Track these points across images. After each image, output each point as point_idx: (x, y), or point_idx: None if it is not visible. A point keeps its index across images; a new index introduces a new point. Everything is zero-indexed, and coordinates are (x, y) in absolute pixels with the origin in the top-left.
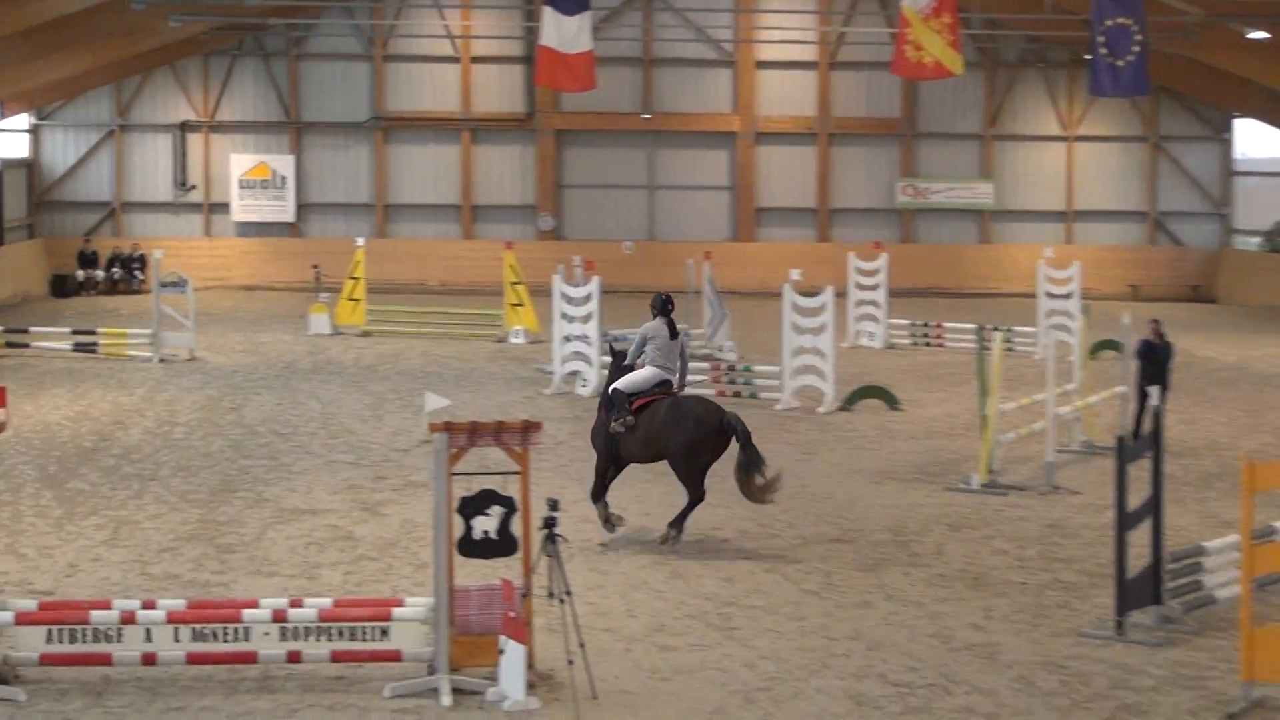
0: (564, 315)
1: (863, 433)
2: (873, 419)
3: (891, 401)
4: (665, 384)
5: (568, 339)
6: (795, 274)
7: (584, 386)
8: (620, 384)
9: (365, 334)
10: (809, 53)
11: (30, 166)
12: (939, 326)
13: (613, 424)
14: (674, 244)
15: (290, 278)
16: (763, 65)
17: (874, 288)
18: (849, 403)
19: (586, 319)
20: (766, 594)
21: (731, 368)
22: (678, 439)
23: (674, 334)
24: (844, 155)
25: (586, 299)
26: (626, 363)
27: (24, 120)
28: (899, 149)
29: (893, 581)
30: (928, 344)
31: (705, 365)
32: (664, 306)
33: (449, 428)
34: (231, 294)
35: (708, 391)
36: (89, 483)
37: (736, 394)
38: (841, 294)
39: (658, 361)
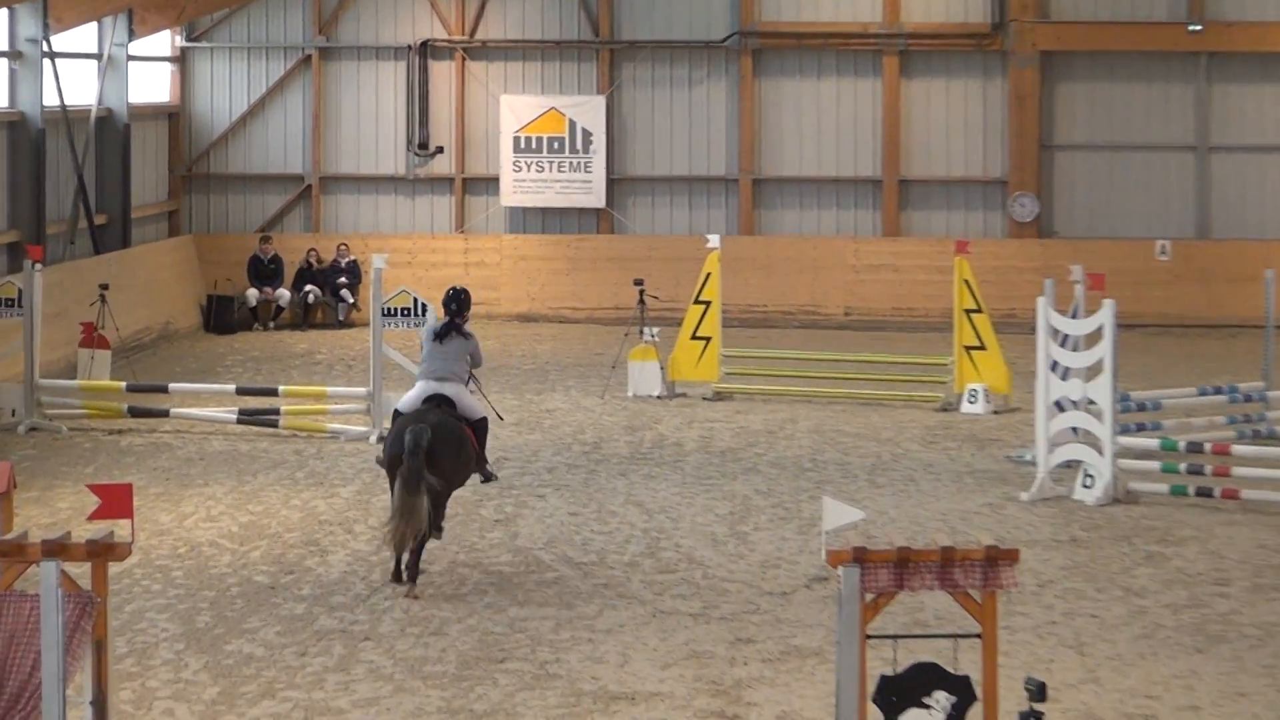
0: (1054, 365)
1: None
2: None
3: None
4: (436, 398)
5: (1060, 406)
6: None
7: (1089, 486)
8: (400, 403)
9: (719, 395)
10: None
11: (174, 118)
12: None
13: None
14: (1240, 243)
15: (595, 300)
16: None
17: None
18: None
19: (1093, 372)
20: None
21: None
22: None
23: (447, 336)
24: None
25: (1093, 338)
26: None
27: (165, 42)
28: None
29: None
30: None
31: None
32: (447, 304)
33: (861, 557)
34: (500, 328)
35: None
36: (262, 644)
37: None
38: None
39: (427, 371)
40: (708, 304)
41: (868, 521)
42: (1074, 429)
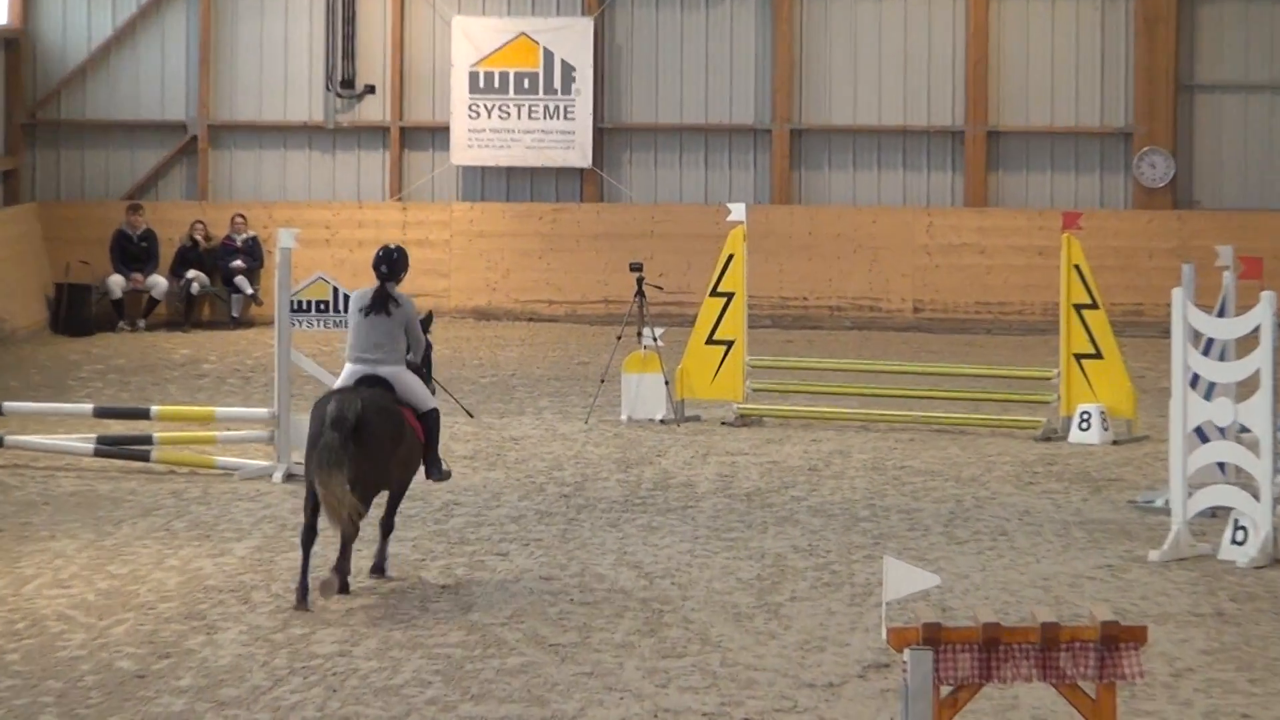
0: (1195, 380)
1: None
2: None
3: None
4: (369, 380)
5: (1202, 434)
6: None
7: (1241, 542)
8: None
9: (744, 419)
10: None
11: (13, 46)
12: None
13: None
14: None
15: (578, 291)
16: None
17: None
18: None
19: (1247, 389)
20: None
21: None
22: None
23: (377, 308)
24: None
25: (1248, 343)
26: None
27: None
28: None
29: None
30: None
31: None
32: (376, 265)
33: (935, 637)
34: (450, 327)
35: None
36: None
37: None
38: None
39: (353, 352)
40: (729, 297)
41: (943, 589)
42: (1221, 465)
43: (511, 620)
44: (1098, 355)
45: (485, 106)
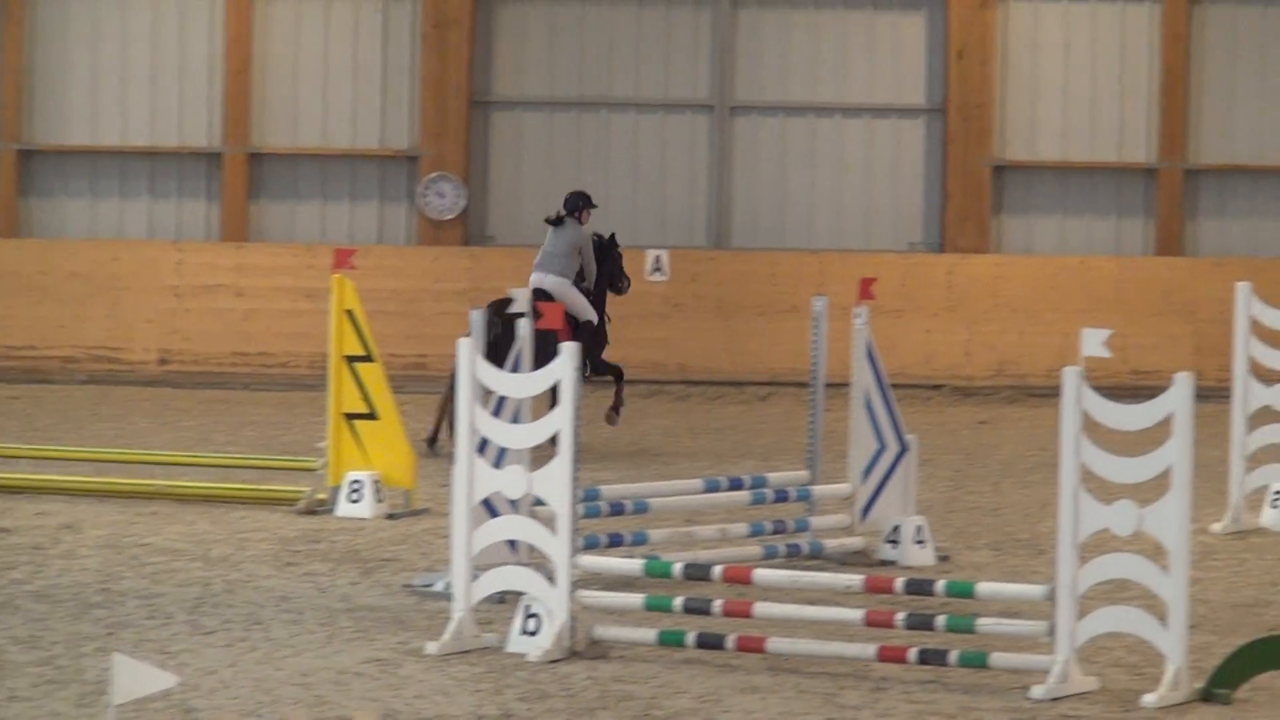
0: (483, 445)
1: None
2: None
3: None
4: (537, 294)
5: (490, 507)
6: None
7: (533, 632)
8: None
9: None
10: None
11: None
12: None
13: None
14: (772, 255)
15: None
16: None
17: None
18: (1223, 683)
19: (542, 455)
20: None
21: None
22: None
23: (554, 224)
24: None
25: (543, 402)
26: None
27: None
28: None
29: None
30: None
31: None
32: (564, 202)
33: None
34: None
35: None
36: None
37: None
38: None
39: (538, 259)
40: None
41: (187, 687)
42: (512, 543)
43: None
44: (372, 415)
45: None
